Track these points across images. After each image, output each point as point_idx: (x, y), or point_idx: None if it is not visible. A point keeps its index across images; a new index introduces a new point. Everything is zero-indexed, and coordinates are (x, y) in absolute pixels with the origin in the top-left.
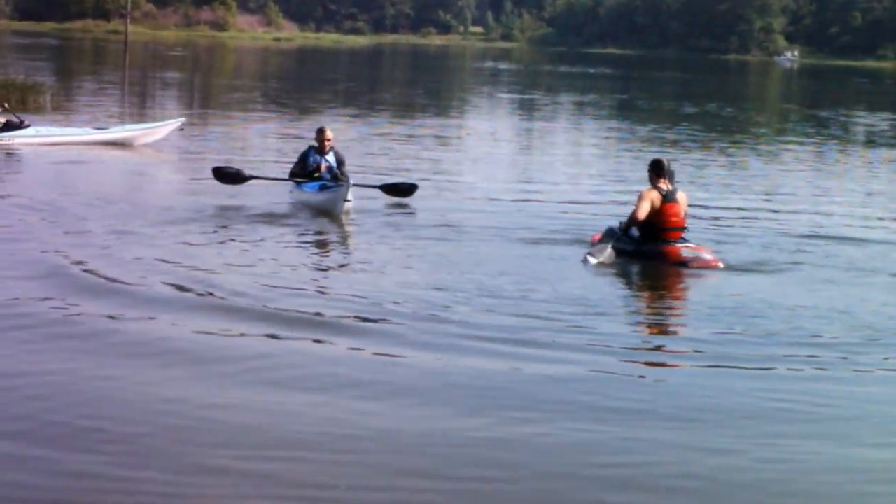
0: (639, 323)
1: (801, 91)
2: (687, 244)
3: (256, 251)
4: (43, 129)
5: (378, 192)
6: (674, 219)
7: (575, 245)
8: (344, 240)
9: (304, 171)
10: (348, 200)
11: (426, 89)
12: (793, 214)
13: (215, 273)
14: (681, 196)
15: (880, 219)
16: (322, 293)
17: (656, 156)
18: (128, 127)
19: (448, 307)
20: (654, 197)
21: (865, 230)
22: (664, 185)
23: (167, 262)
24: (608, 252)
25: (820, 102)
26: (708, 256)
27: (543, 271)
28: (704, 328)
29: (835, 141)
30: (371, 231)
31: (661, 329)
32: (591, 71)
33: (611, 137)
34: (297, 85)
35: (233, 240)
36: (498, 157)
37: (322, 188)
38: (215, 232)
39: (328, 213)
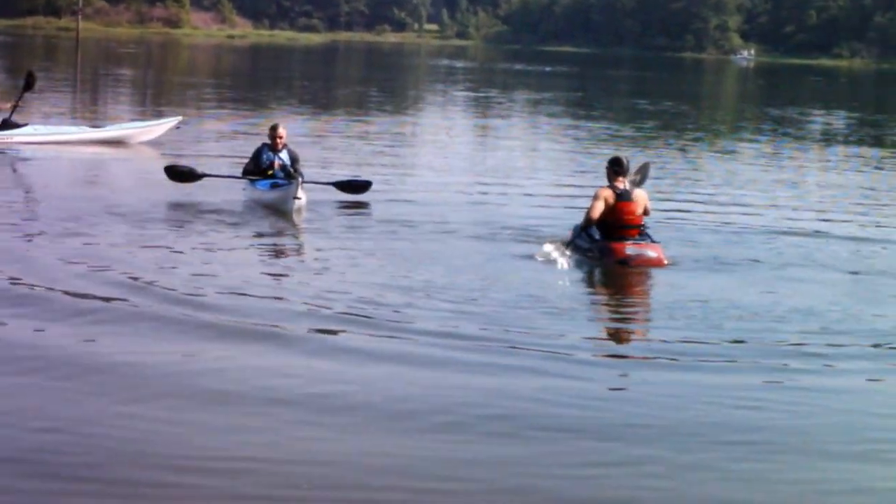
0: (593, 324)
1: (758, 89)
2: (637, 242)
3: (201, 252)
4: (41, 128)
5: (332, 190)
6: (628, 217)
7: (531, 243)
8: (294, 239)
9: (257, 168)
10: (298, 198)
11: (381, 87)
12: (749, 211)
13: (151, 276)
14: (638, 195)
15: (835, 215)
16: (266, 297)
17: (615, 153)
18: (125, 125)
19: (399, 311)
20: (608, 195)
21: (821, 226)
22: (621, 183)
23: (99, 264)
24: (560, 247)
25: (776, 101)
26: (652, 254)
27: (499, 270)
28: (661, 330)
29: (791, 139)
30: (322, 230)
31: (615, 331)
32: (547, 69)
33: (567, 135)
34: (251, 82)
35: (179, 240)
36: (454, 154)
37: (273, 186)
38: (161, 232)
39: (280, 211)
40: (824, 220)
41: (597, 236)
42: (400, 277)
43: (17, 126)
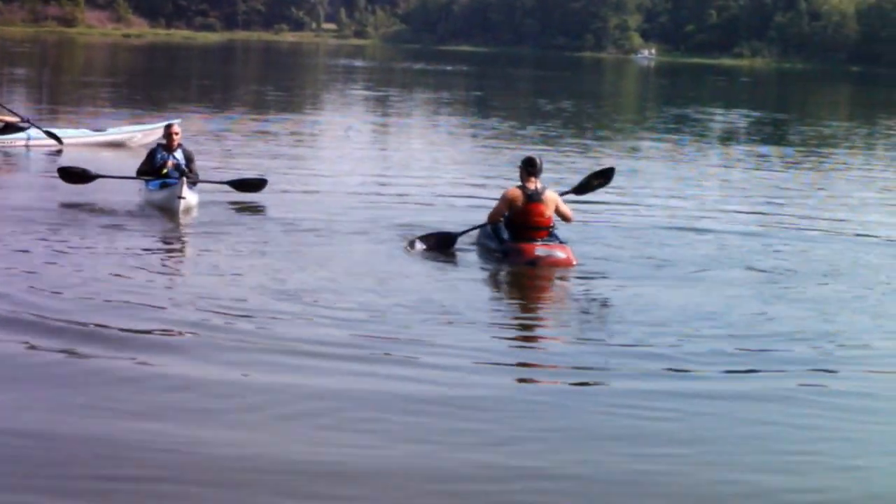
0: (498, 329)
1: (659, 89)
2: (546, 242)
3: (79, 256)
4: (42, 133)
5: (228, 189)
6: (538, 218)
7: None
8: (179, 241)
9: (151, 168)
10: (182, 198)
11: (279, 86)
12: (653, 210)
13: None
14: (549, 196)
15: (739, 213)
16: (140, 304)
17: (529, 153)
18: (125, 129)
19: (281, 318)
20: (516, 196)
21: (725, 224)
22: (532, 184)
23: None
24: (433, 241)
25: (677, 100)
26: (561, 255)
27: (395, 273)
28: (565, 336)
29: (693, 137)
30: (211, 230)
31: (520, 338)
32: (447, 68)
33: (467, 134)
34: (147, 82)
35: (56, 241)
36: (352, 153)
37: (163, 186)
38: (44, 235)
39: (168, 211)
40: (728, 218)
41: (505, 236)
42: (286, 281)
43: (20, 130)
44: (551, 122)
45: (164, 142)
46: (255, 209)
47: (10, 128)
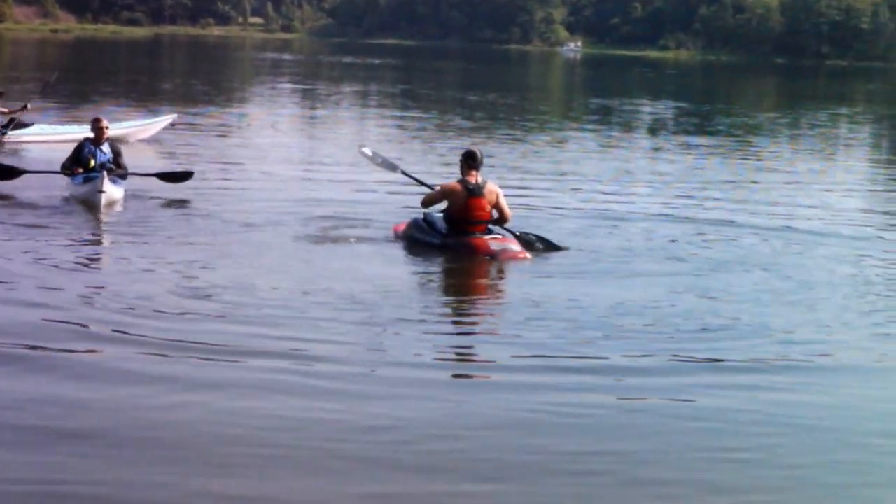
0: (427, 328)
1: (586, 81)
2: (494, 236)
3: None
4: (47, 128)
5: (155, 182)
6: (478, 213)
7: (364, 240)
8: (96, 236)
9: (77, 162)
10: (102, 192)
11: (206, 80)
12: (585, 199)
13: None
14: (490, 189)
15: (667, 202)
16: (47, 303)
17: (470, 147)
18: (125, 124)
19: (194, 317)
20: (456, 190)
21: (652, 214)
22: (473, 178)
23: None
24: (380, 159)
25: (604, 91)
26: (516, 248)
27: (325, 269)
28: (497, 332)
29: (620, 128)
30: (133, 224)
31: (461, 335)
32: (375, 61)
33: (396, 126)
34: (75, 77)
35: None
36: (279, 146)
37: (86, 180)
38: None
39: (89, 205)
40: (655, 208)
41: (444, 230)
42: (203, 278)
43: (25, 126)
44: (480, 114)
45: (91, 136)
46: (179, 202)
47: (13, 123)
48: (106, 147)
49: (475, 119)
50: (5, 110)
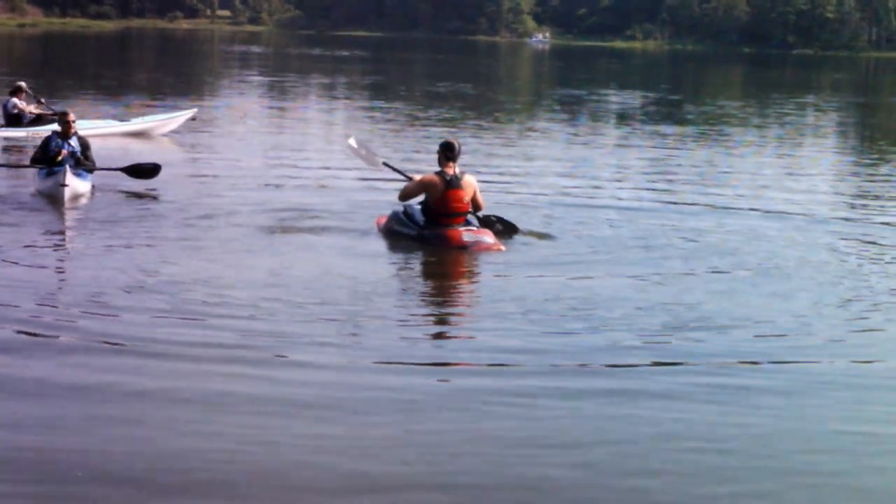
0: (405, 323)
1: (555, 71)
2: (469, 228)
3: None
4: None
5: (123, 176)
6: (456, 204)
7: (338, 231)
8: (58, 231)
9: (44, 156)
10: (65, 185)
11: (175, 73)
12: (559, 189)
13: None
14: (467, 181)
15: (637, 190)
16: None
17: (447, 138)
18: (147, 118)
19: (160, 315)
20: (434, 182)
21: (622, 203)
22: (451, 169)
23: None
24: (364, 151)
25: (573, 82)
26: (489, 240)
27: (302, 263)
28: (471, 329)
29: (589, 118)
30: (97, 219)
31: (432, 334)
32: (344, 53)
33: (366, 118)
34: (43, 71)
35: None
36: (249, 138)
37: (49, 174)
38: None
39: (55, 199)
40: (625, 195)
41: (421, 222)
42: (167, 273)
43: (52, 121)
44: (449, 104)
45: (59, 129)
46: (148, 197)
47: (41, 119)
48: (74, 141)
49: (445, 109)
50: (34, 110)
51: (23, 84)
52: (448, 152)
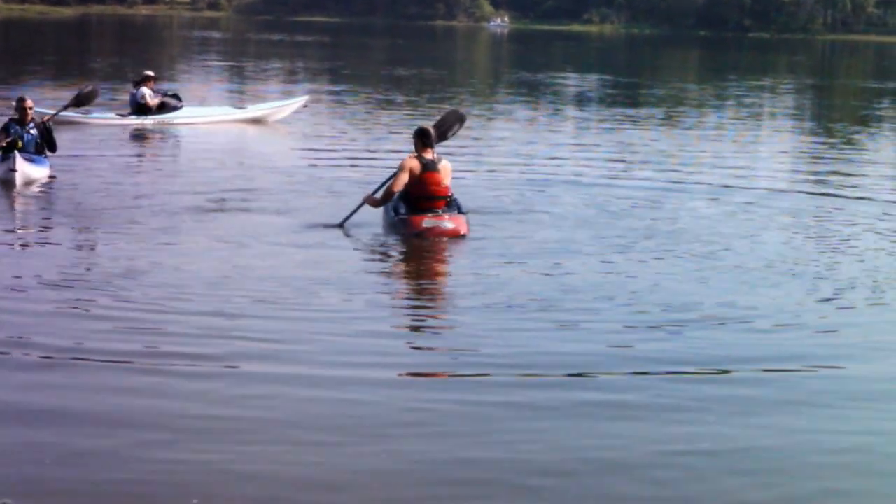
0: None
1: (513, 55)
2: (437, 213)
3: None
4: (195, 110)
5: (81, 163)
6: (434, 188)
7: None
8: (10, 217)
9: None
10: (14, 171)
11: (136, 59)
12: (512, 168)
13: None
14: (445, 165)
15: (599, 171)
16: None
17: (422, 124)
18: (262, 106)
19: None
20: (413, 166)
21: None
22: (428, 153)
23: None
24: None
25: (531, 66)
26: (449, 225)
27: (266, 253)
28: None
29: (548, 100)
30: (44, 207)
31: (401, 328)
32: (303, 39)
33: (329, 102)
34: (4, 58)
35: None
36: (211, 126)
37: (3, 160)
38: None
39: (7, 185)
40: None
41: (402, 210)
42: (116, 264)
43: (175, 109)
44: (409, 89)
45: (16, 116)
46: (105, 184)
47: (164, 107)
48: (32, 128)
49: (405, 94)
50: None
51: (151, 73)
52: (424, 138)
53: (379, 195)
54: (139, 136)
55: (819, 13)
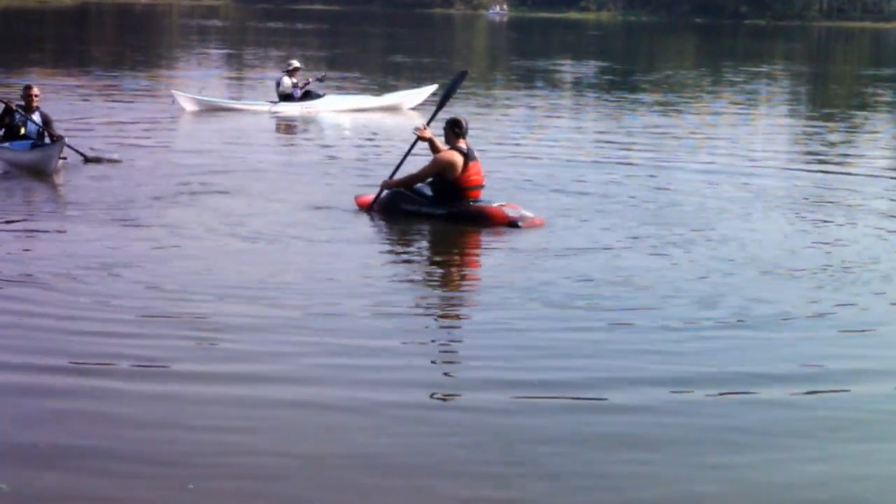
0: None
1: (512, 43)
2: (501, 203)
3: None
4: (337, 99)
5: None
6: (475, 177)
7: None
8: (55, 203)
9: (8, 129)
10: (64, 158)
11: (136, 47)
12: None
13: None
14: (477, 155)
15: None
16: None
17: (454, 115)
18: (397, 94)
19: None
20: (455, 159)
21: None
22: (464, 144)
23: None
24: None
25: (531, 53)
26: (530, 214)
27: (290, 250)
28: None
29: (547, 87)
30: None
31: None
32: (303, 27)
33: (333, 87)
34: (2, 45)
35: None
36: (208, 116)
37: (34, 147)
38: None
39: (39, 173)
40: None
41: (428, 196)
42: (110, 258)
43: (319, 97)
44: (410, 75)
45: (22, 103)
46: (106, 175)
47: (309, 95)
48: (36, 115)
49: (404, 80)
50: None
51: (298, 64)
52: (456, 129)
53: (397, 178)
54: (284, 124)
55: (815, 0)
